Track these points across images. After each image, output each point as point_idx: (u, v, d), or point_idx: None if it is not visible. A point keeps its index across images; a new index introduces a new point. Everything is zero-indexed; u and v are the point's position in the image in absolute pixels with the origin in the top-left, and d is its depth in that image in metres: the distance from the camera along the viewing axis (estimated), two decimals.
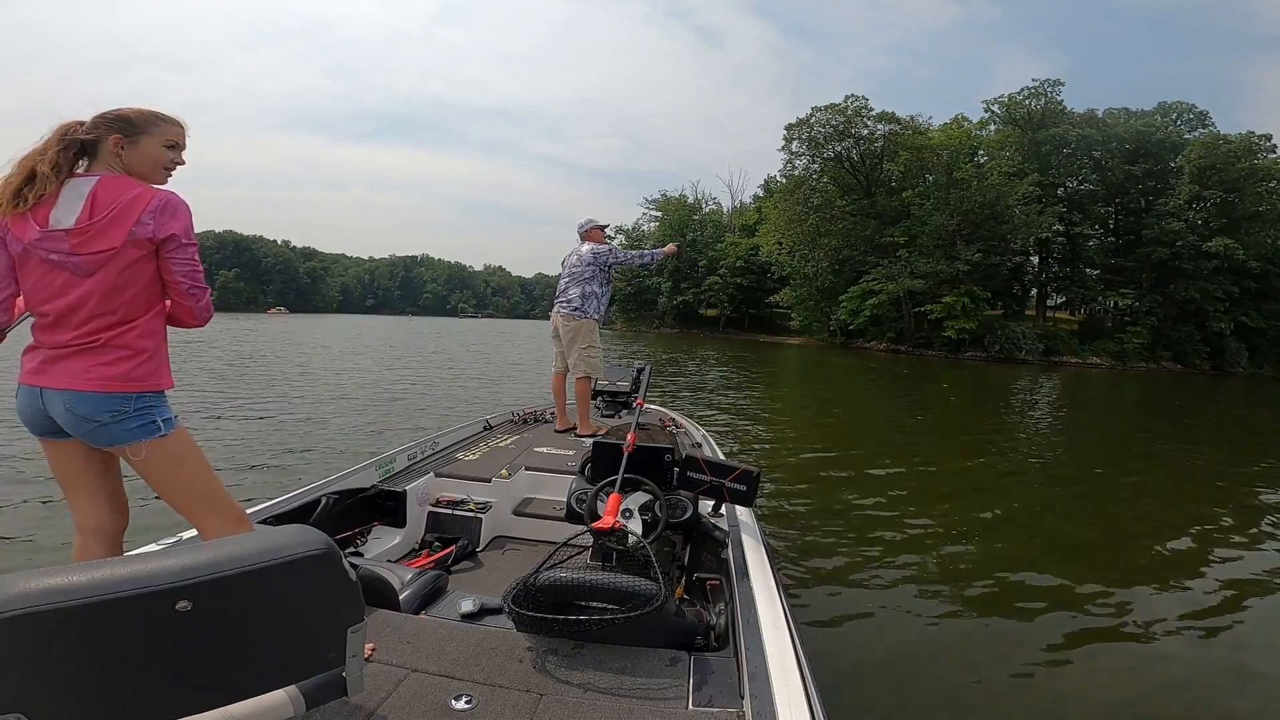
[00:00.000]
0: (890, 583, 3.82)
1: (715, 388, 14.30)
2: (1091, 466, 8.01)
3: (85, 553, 1.67)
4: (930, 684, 2.79)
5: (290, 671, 1.07)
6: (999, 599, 3.70)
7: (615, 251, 4.66)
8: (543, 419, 4.82)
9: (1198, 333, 36.16)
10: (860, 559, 4.16)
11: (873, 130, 38.61)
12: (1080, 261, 40.26)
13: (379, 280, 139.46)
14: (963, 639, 3.21)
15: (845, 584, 3.76)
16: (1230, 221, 35.49)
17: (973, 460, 8.00)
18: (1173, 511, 5.84)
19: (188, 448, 1.67)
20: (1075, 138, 38.34)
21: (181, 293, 1.63)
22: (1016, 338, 34.73)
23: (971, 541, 4.73)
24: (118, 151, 1.57)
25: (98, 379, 1.52)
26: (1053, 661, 2.99)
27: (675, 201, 58.26)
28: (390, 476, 3.07)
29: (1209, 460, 8.79)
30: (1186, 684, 2.88)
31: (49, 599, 0.81)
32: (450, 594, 2.08)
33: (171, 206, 1.56)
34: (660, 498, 2.12)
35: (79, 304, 1.52)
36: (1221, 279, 35.44)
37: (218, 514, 1.68)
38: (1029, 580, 3.98)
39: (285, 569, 0.96)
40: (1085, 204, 39.72)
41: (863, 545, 4.40)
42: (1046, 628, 3.34)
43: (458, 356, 21.21)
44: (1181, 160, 37.00)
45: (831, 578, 3.83)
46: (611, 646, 1.56)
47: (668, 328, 53.36)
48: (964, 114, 42.21)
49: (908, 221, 37.36)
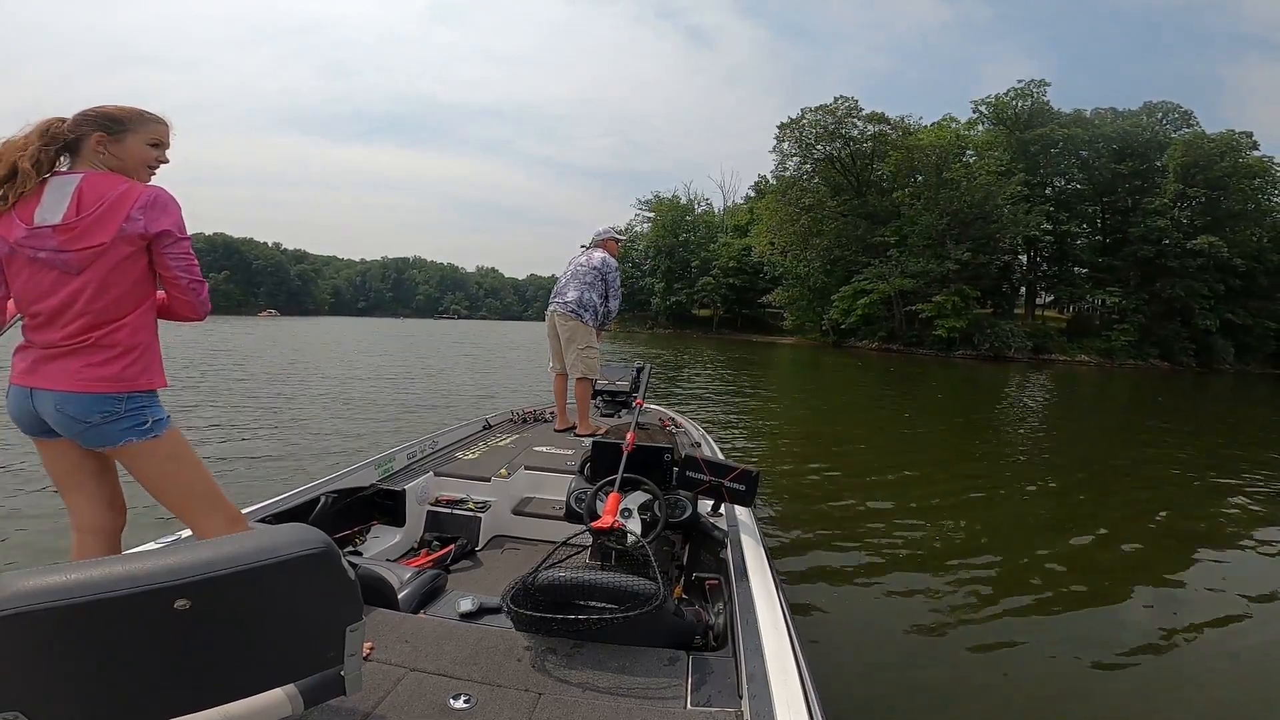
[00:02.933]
0: (889, 582, 3.83)
1: (709, 388, 14.32)
2: (1088, 465, 8.07)
3: (83, 552, 1.66)
4: (929, 684, 2.80)
5: (289, 670, 1.06)
6: (996, 598, 3.71)
7: (617, 276, 4.66)
8: (542, 418, 4.81)
9: (1184, 330, 36.56)
10: (859, 559, 4.17)
11: (863, 131, 38.84)
12: (1068, 260, 40.67)
13: (371, 282, 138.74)
14: (961, 639, 3.21)
15: (844, 584, 3.77)
16: (1215, 219, 35.95)
17: (967, 459, 8.06)
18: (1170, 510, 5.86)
19: (181, 447, 1.65)
20: (1062, 137, 38.74)
21: (182, 288, 1.62)
22: (1006, 336, 35.01)
23: (970, 540, 4.76)
24: (100, 149, 1.55)
25: (88, 379, 1.50)
26: (1051, 662, 3.00)
27: (668, 203, 58.35)
28: (389, 475, 3.06)
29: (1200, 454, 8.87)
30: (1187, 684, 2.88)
31: (47, 598, 0.81)
32: (449, 593, 2.08)
33: (161, 202, 1.54)
34: (659, 497, 2.12)
35: (69, 302, 1.50)
36: (1207, 276, 35.84)
37: (213, 514, 1.67)
38: (1026, 580, 4.00)
39: (284, 568, 0.96)
40: (1073, 203, 40.17)
41: (861, 545, 4.41)
42: (1045, 628, 3.36)
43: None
44: (1166, 159, 37.39)
45: (830, 577, 3.84)
46: (610, 646, 1.56)
47: (661, 328, 53.43)
48: (953, 114, 42.72)
49: (898, 221, 37.62)
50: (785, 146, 40.76)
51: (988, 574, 4.05)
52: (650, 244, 56.16)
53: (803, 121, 39.27)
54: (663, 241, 54.84)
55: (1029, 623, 3.41)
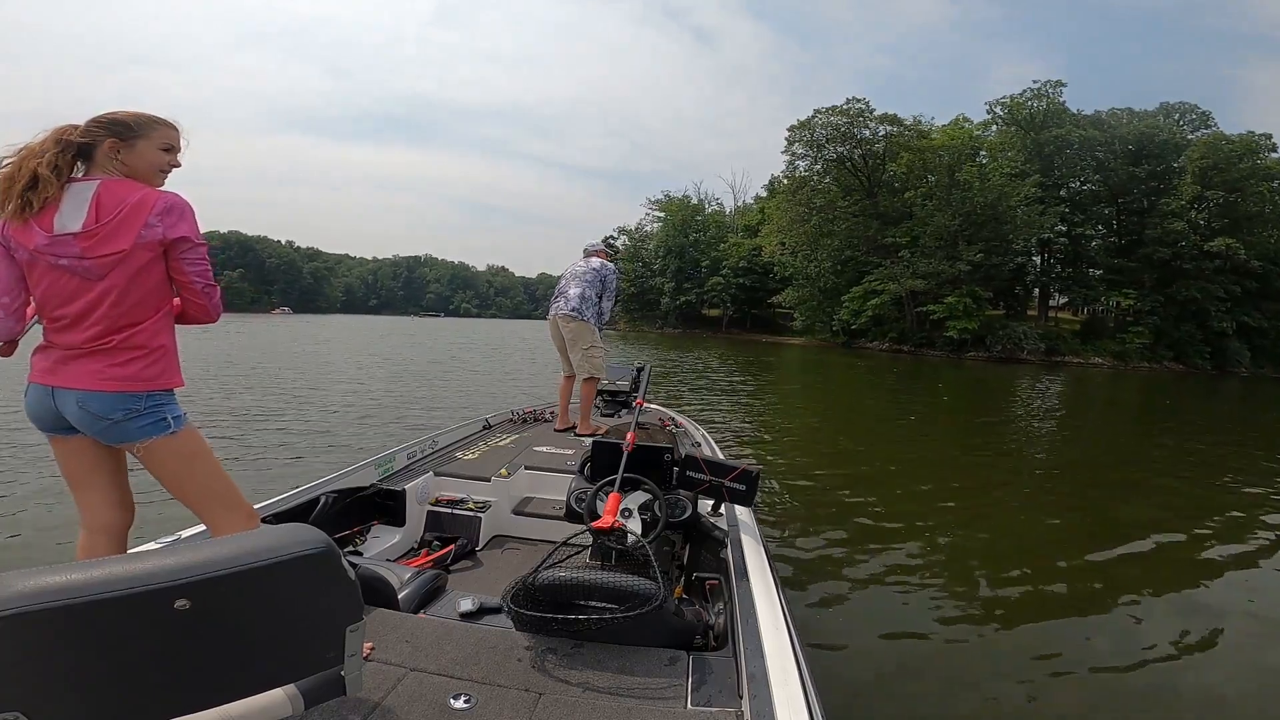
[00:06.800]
0: (889, 583, 3.82)
1: (717, 388, 14.29)
2: (1095, 468, 7.99)
3: (90, 550, 1.68)
4: (930, 685, 2.79)
5: (289, 670, 1.07)
6: (997, 600, 3.69)
7: (614, 279, 4.75)
8: (542, 418, 4.81)
9: (1199, 333, 36.09)
10: (859, 559, 4.15)
11: (874, 131, 38.58)
12: (1083, 262, 40.20)
13: (382, 280, 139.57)
14: (961, 639, 3.20)
15: (844, 584, 3.76)
16: (1232, 221, 35.46)
17: (971, 461, 8.00)
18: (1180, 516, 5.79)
19: (198, 445, 1.68)
20: (1078, 139, 38.26)
21: (196, 292, 1.64)
22: (1018, 337, 34.69)
23: (969, 541, 4.73)
24: (114, 155, 1.57)
25: (111, 379, 1.54)
26: (1053, 664, 2.98)
27: (678, 202, 58.22)
28: (389, 475, 3.07)
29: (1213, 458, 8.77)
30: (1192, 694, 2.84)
31: (47, 597, 0.81)
32: (449, 593, 2.08)
33: (178, 208, 1.57)
34: (660, 497, 2.12)
35: (91, 307, 1.52)
36: (1223, 279, 35.40)
37: (229, 510, 1.70)
38: (1028, 580, 3.98)
39: (284, 568, 0.96)
40: (1088, 204, 39.67)
41: (862, 545, 4.39)
42: (1046, 629, 3.34)
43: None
44: (1184, 160, 36.90)
45: (831, 577, 3.83)
46: (610, 646, 1.56)
47: (670, 328, 53.31)
48: (965, 114, 42.30)
49: (910, 222, 37.31)
50: (796, 148, 40.53)
51: (988, 575, 4.03)
52: (660, 243, 56.02)
53: (813, 122, 39.04)
54: (673, 241, 54.69)
55: (1030, 624, 3.39)
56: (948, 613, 3.48)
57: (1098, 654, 3.07)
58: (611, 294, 4.69)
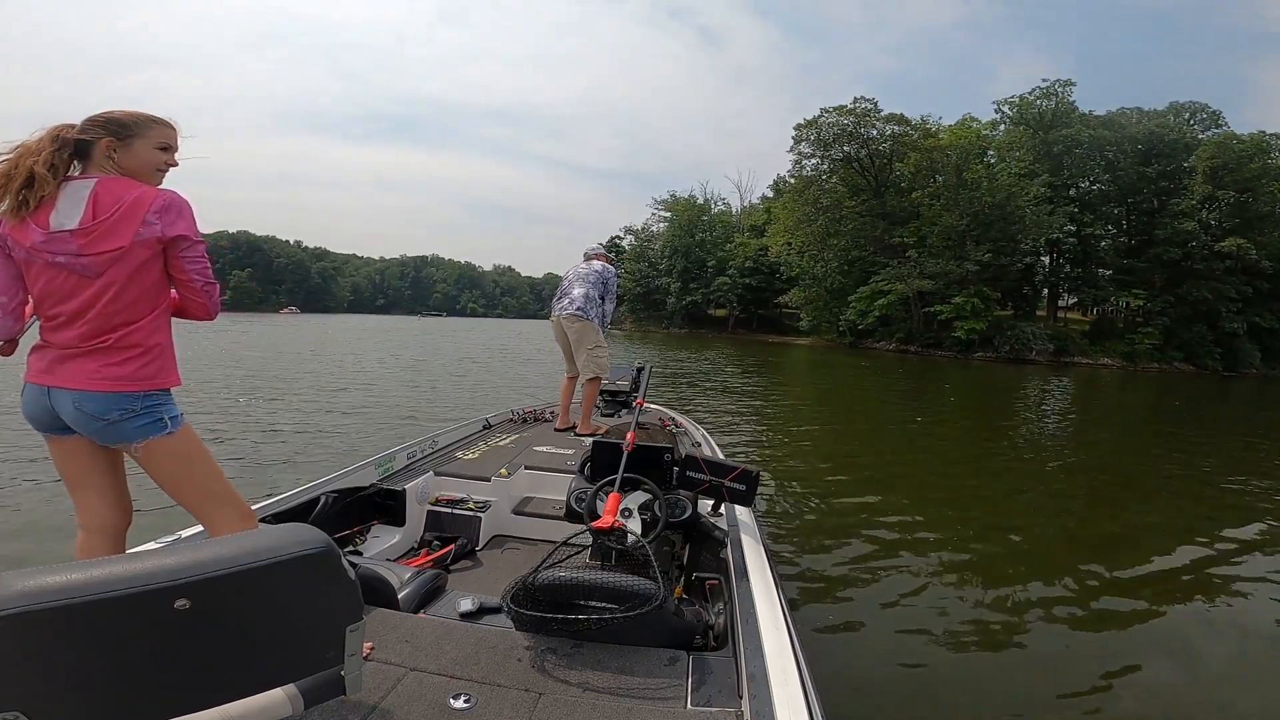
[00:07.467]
0: (889, 583, 3.81)
1: (724, 389, 14.28)
2: (1098, 470, 7.94)
3: (88, 550, 1.68)
4: (930, 685, 2.78)
5: (289, 670, 1.07)
6: (998, 600, 3.67)
7: (615, 281, 4.79)
8: (542, 418, 4.82)
9: (1210, 333, 35.84)
10: (860, 559, 4.15)
11: (881, 131, 38.42)
12: (1092, 262, 39.91)
13: (389, 280, 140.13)
14: (961, 639, 3.19)
15: (844, 584, 3.75)
16: (1243, 221, 35.20)
17: (974, 462, 7.96)
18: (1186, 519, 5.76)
19: (194, 445, 1.68)
20: (1087, 138, 38.01)
21: (195, 290, 1.64)
22: (1026, 338, 34.48)
23: (970, 541, 4.71)
24: (110, 154, 1.57)
25: (106, 378, 1.53)
26: (1054, 666, 2.97)
27: (684, 202, 58.18)
28: (389, 475, 3.07)
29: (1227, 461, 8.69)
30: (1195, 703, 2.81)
31: (47, 597, 0.81)
32: (449, 593, 2.08)
33: (175, 206, 1.57)
34: (660, 497, 2.12)
35: (88, 305, 1.52)
36: (1234, 279, 35.16)
37: (226, 510, 1.69)
38: (1028, 582, 3.95)
39: (284, 567, 0.96)
40: (1097, 204, 39.38)
41: (862, 545, 4.38)
42: (1045, 630, 3.33)
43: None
44: (1194, 160, 36.60)
45: (831, 578, 3.82)
46: (610, 646, 1.56)
47: (676, 328, 53.27)
48: (971, 114, 42.10)
49: (917, 222, 37.17)
50: (803, 147, 40.41)
51: (989, 575, 4.01)
52: (666, 243, 55.99)
53: (820, 122, 38.91)
54: (679, 241, 54.66)
55: (1030, 625, 3.37)
56: (948, 613, 3.47)
57: (1098, 656, 3.05)
58: (613, 296, 4.71)
